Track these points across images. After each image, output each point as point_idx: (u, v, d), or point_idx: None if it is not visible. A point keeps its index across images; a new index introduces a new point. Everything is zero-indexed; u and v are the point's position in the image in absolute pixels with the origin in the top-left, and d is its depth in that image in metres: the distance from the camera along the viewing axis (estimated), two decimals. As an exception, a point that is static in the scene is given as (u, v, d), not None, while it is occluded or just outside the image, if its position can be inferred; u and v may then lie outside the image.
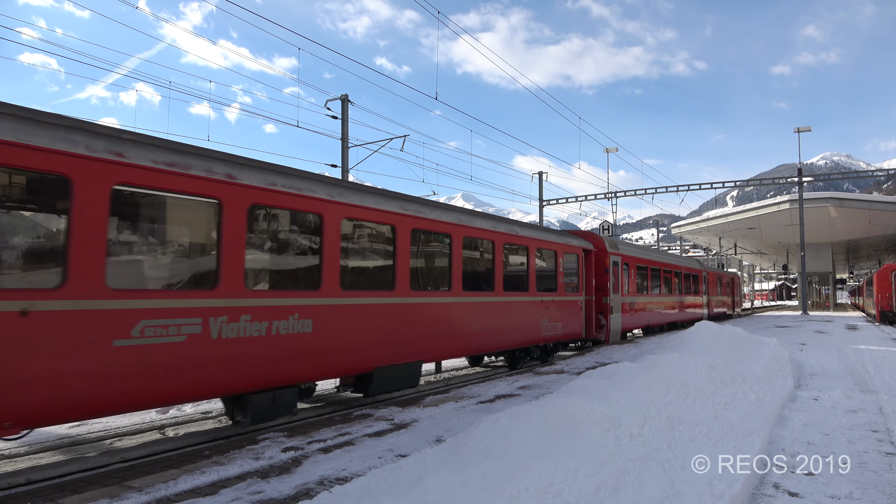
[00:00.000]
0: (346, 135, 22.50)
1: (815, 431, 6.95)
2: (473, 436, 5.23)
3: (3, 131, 4.98)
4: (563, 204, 42.49)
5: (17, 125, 5.09)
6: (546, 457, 4.51)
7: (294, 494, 4.85)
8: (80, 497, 4.80)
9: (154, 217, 6.57)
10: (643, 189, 40.61)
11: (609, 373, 7.85)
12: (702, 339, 11.72)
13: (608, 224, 37.47)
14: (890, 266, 36.32)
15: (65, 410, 5.37)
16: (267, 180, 7.37)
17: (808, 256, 43.63)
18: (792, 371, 10.57)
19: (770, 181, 47.14)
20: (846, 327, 25.89)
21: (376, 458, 5.87)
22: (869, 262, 76.51)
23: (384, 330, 9.08)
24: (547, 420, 5.28)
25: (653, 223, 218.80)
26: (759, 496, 4.81)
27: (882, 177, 55.05)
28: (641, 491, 4.37)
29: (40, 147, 5.18)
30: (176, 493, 4.90)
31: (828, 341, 18.49)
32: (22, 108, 5.31)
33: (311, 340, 7.68)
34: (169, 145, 6.49)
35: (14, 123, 5.08)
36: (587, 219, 73.30)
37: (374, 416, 7.95)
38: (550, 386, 10.23)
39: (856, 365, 12.79)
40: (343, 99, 22.51)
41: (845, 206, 45.19)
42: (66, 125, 5.51)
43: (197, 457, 6.02)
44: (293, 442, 6.58)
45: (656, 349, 13.51)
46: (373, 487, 4.54)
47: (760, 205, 51.00)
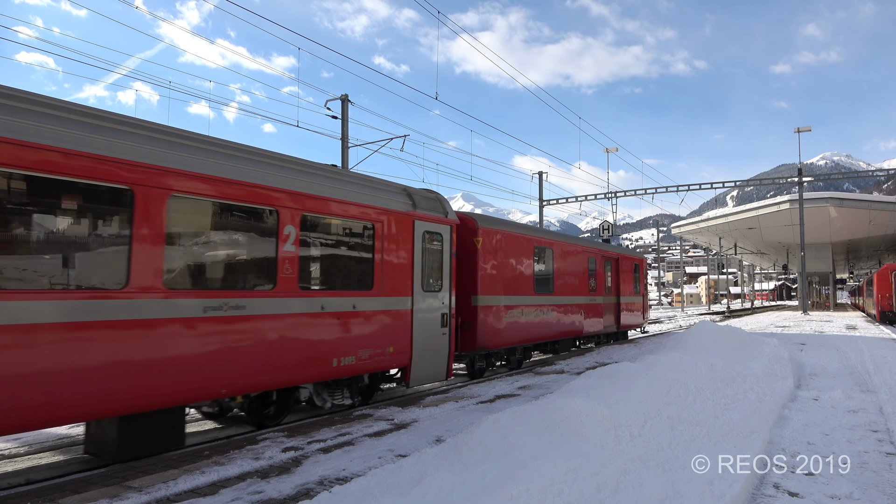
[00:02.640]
0: (346, 135, 22.51)
1: (816, 431, 6.95)
2: (473, 436, 5.23)
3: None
4: (563, 204, 42.51)
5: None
6: (546, 457, 4.51)
7: (294, 494, 4.85)
8: (80, 497, 4.80)
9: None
10: (643, 189, 40.62)
11: (609, 373, 7.85)
12: (702, 338, 11.75)
13: (608, 224, 37.48)
14: (890, 266, 36.34)
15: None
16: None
17: (808, 256, 43.63)
18: (792, 371, 10.58)
19: (770, 181, 47.13)
20: (846, 327, 25.90)
21: (376, 458, 5.87)
22: (869, 262, 76.52)
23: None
24: (547, 420, 5.29)
25: (653, 223, 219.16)
26: (759, 496, 4.80)
27: (882, 177, 55.15)
28: (641, 491, 4.37)
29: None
30: (176, 493, 4.90)
31: (828, 341, 18.49)
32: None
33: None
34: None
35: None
36: (587, 219, 73.35)
37: (374, 417, 7.95)
38: (550, 386, 10.23)
39: (856, 365, 12.79)
40: (343, 99, 22.52)
41: (845, 206, 45.17)
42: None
43: (197, 457, 6.02)
44: (293, 442, 6.58)
45: (656, 349, 13.54)
46: (373, 487, 4.54)
47: (760, 205, 50.97)
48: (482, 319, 11.65)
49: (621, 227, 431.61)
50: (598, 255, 18.19)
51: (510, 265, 12.87)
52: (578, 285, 16.50)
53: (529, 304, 13.56)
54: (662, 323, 38.02)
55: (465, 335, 11.45)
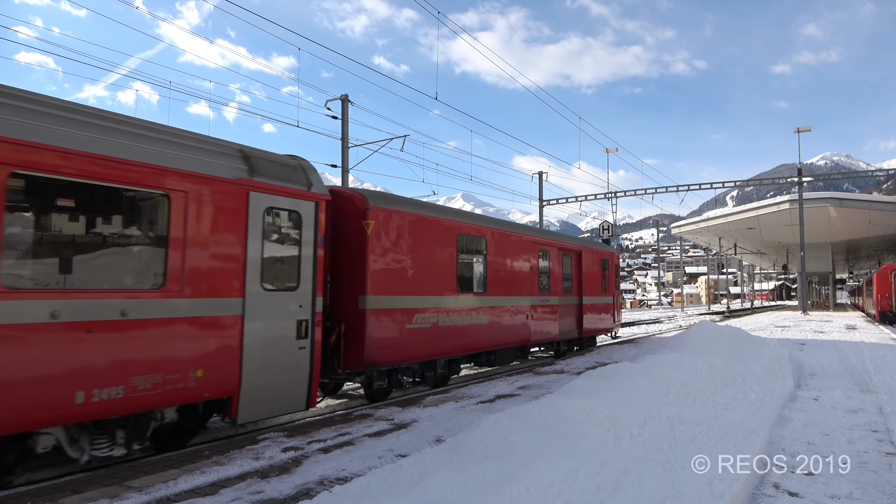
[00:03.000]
0: (346, 135, 22.51)
1: (815, 431, 6.95)
2: (473, 436, 5.23)
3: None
4: (563, 204, 42.51)
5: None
6: (546, 457, 4.51)
7: (294, 494, 4.85)
8: (80, 497, 4.80)
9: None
10: (643, 189, 40.62)
11: (609, 373, 7.86)
12: (702, 338, 11.76)
13: (608, 224, 37.48)
14: (890, 266, 36.34)
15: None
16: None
17: (808, 256, 43.65)
18: (792, 371, 10.58)
19: (770, 181, 47.13)
20: (846, 327, 25.90)
21: (376, 458, 5.87)
22: (869, 262, 76.52)
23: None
24: (547, 420, 5.29)
25: (653, 223, 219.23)
26: (759, 496, 4.81)
27: (882, 177, 55.17)
28: (641, 491, 4.37)
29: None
30: (176, 493, 4.90)
31: (828, 341, 18.50)
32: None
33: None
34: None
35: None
36: (587, 219, 73.33)
37: (374, 416, 7.95)
38: (550, 386, 10.23)
39: (856, 365, 12.79)
40: (343, 99, 22.52)
41: (845, 206, 45.19)
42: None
43: (197, 457, 6.02)
44: (293, 442, 6.58)
45: (657, 349, 13.54)
46: (373, 487, 4.54)
47: (760, 205, 50.98)
48: (374, 326, 8.99)
49: (621, 227, 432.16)
50: (552, 247, 15.31)
51: (421, 257, 10.16)
52: (524, 283, 13.61)
53: (451, 307, 10.83)
54: (662, 323, 38.01)
55: (350, 347, 8.81)
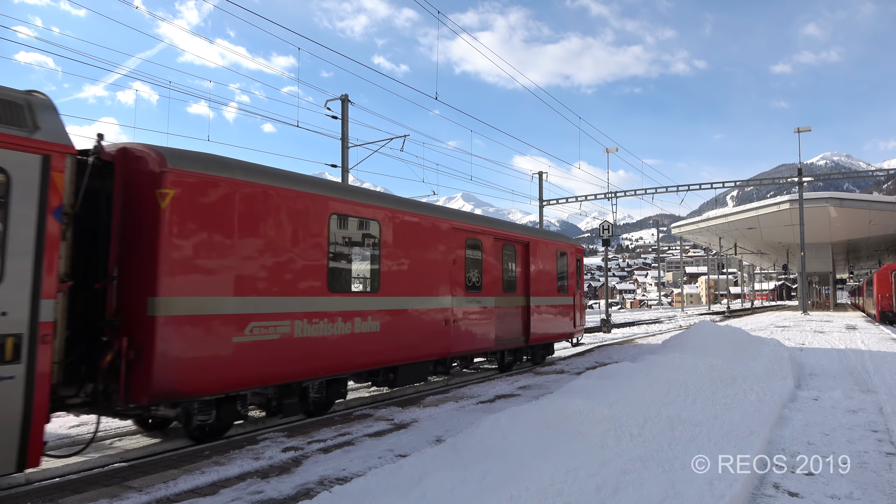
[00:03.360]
0: (346, 135, 22.50)
1: (816, 431, 6.95)
2: (473, 436, 5.23)
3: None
4: (563, 204, 42.49)
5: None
6: (546, 457, 4.51)
7: (294, 494, 4.85)
8: (80, 497, 4.80)
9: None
10: (643, 189, 40.60)
11: (609, 373, 7.86)
12: (702, 338, 11.75)
13: (608, 224, 37.49)
14: (890, 266, 36.32)
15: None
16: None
17: (808, 256, 43.63)
18: (792, 371, 10.58)
19: (770, 181, 47.14)
20: (846, 327, 25.89)
21: (376, 458, 5.87)
22: (869, 262, 76.50)
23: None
24: (547, 420, 5.28)
25: (653, 223, 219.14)
26: (760, 496, 4.80)
27: (882, 177, 55.15)
28: (641, 491, 4.37)
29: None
30: (176, 493, 4.91)
31: (828, 341, 18.49)
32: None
33: None
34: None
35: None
36: (587, 219, 73.23)
37: (374, 416, 7.95)
38: (550, 386, 10.23)
39: (856, 365, 12.79)
40: (343, 99, 22.51)
41: (845, 206, 45.20)
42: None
43: (197, 457, 6.02)
44: (293, 442, 6.58)
45: (657, 349, 13.53)
46: (373, 487, 4.53)
47: (760, 205, 50.98)
48: (172, 340, 6.24)
49: (621, 227, 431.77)
50: (485, 236, 12.19)
51: (264, 244, 7.35)
52: (442, 280, 10.74)
53: (317, 312, 8.05)
54: (662, 323, 37.98)
55: (135, 371, 6.07)
